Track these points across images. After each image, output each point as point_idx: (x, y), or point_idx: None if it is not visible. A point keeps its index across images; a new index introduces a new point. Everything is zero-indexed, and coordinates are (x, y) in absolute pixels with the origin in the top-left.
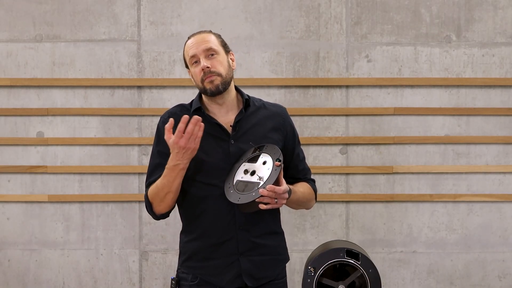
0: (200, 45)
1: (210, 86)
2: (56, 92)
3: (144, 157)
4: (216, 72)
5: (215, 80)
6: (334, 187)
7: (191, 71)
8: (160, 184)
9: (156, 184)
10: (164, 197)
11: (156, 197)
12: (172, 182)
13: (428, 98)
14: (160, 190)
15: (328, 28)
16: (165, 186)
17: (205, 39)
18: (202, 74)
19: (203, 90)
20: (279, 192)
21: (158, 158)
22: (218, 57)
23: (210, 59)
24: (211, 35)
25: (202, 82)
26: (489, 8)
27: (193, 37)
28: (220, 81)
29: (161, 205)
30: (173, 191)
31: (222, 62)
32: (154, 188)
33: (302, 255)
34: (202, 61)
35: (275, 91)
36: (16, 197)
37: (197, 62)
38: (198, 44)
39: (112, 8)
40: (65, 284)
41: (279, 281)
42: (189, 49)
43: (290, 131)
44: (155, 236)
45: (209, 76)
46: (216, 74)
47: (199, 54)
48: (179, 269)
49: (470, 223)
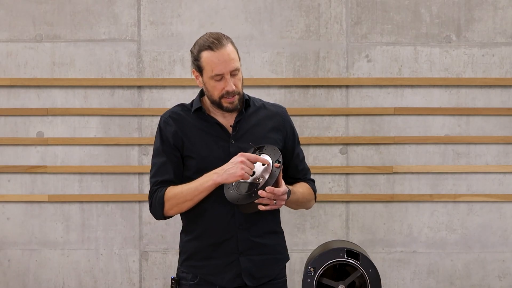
0: (228, 64)
1: (229, 105)
2: (56, 92)
3: (144, 157)
4: (236, 92)
5: (235, 101)
6: (334, 187)
7: (206, 81)
8: (186, 189)
9: (181, 187)
10: (182, 203)
11: (174, 200)
12: (200, 192)
13: (428, 98)
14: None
15: (328, 28)
16: (190, 192)
17: (231, 57)
18: (224, 93)
19: (217, 104)
20: (278, 193)
21: (164, 157)
22: (239, 75)
23: (233, 77)
24: (232, 48)
25: (220, 98)
26: (489, 8)
27: (217, 51)
28: (238, 99)
29: (174, 209)
30: (194, 201)
31: (241, 79)
32: (177, 191)
33: (302, 255)
34: (230, 83)
35: (275, 91)
36: (16, 197)
37: (221, 79)
38: (226, 63)
39: (112, 8)
40: (65, 284)
41: (278, 280)
42: (214, 66)
43: (290, 131)
44: (155, 236)
45: (231, 97)
46: (237, 94)
47: (226, 74)
48: (179, 269)
49: (470, 223)
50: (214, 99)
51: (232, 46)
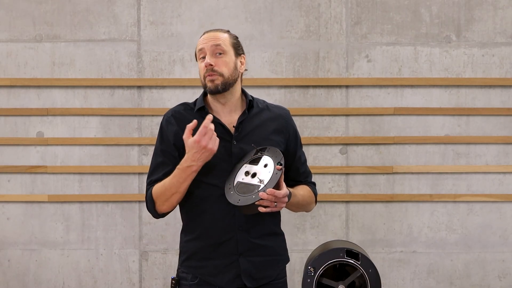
0: (209, 40)
1: (210, 84)
2: (56, 92)
3: (144, 157)
4: (218, 72)
5: (216, 80)
6: (334, 187)
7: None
8: (168, 184)
9: (163, 183)
10: (170, 197)
11: (162, 196)
12: (182, 183)
13: (428, 98)
14: (167, 189)
15: (328, 28)
16: (173, 186)
17: (216, 36)
18: (205, 71)
19: (204, 86)
20: (279, 196)
21: (162, 157)
22: (225, 57)
23: (216, 57)
24: (224, 34)
25: (204, 78)
26: (489, 8)
27: (207, 33)
28: (221, 81)
29: (165, 204)
30: (181, 192)
31: (228, 63)
32: (160, 187)
33: (302, 255)
34: (207, 57)
35: (275, 91)
36: (16, 197)
37: (204, 58)
38: (208, 39)
39: (112, 8)
40: (65, 284)
41: (278, 281)
42: (199, 43)
43: (293, 134)
44: (155, 236)
45: (211, 74)
46: (218, 74)
47: (206, 50)
48: (179, 269)
49: (470, 223)
50: (202, 82)
51: (226, 34)
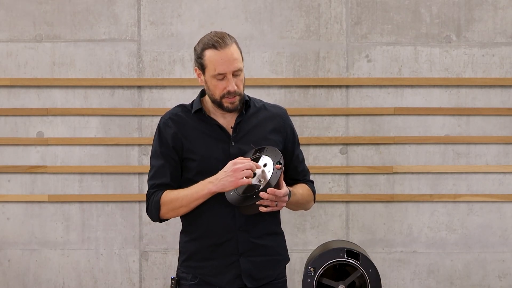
0: (231, 64)
1: (229, 105)
2: (56, 92)
3: (144, 157)
4: (238, 93)
5: (236, 101)
6: (334, 187)
7: (208, 80)
8: (182, 195)
9: (177, 192)
10: (178, 208)
11: (170, 205)
12: (196, 199)
13: (428, 98)
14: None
15: (328, 28)
16: (185, 199)
17: (234, 57)
18: (225, 92)
19: (218, 104)
20: (279, 195)
21: (162, 159)
22: (241, 75)
23: (235, 77)
24: (236, 48)
25: (221, 98)
26: (489, 8)
27: (221, 50)
28: (239, 100)
29: (170, 214)
30: (189, 207)
31: (243, 80)
32: (172, 195)
33: (302, 255)
34: (232, 83)
35: (275, 91)
36: (16, 197)
37: (223, 78)
38: (229, 62)
39: (112, 8)
40: (65, 284)
41: (278, 281)
42: (217, 64)
43: (290, 133)
44: (155, 236)
45: (233, 98)
46: (238, 94)
47: (228, 74)
48: (179, 269)
49: (470, 223)
50: (215, 98)
51: (236, 46)
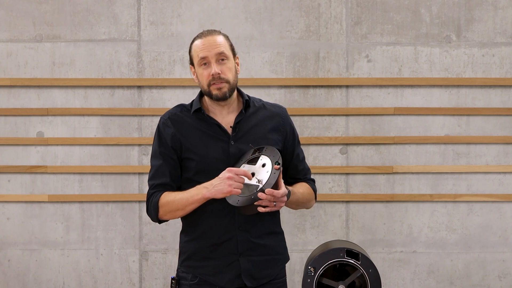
0: (212, 48)
1: (217, 92)
2: (56, 92)
3: (144, 157)
4: (225, 79)
5: (223, 88)
6: (334, 187)
7: (197, 71)
8: (179, 197)
9: (174, 195)
10: (175, 212)
11: (167, 207)
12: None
13: (428, 98)
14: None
15: (328, 28)
16: (182, 202)
17: (217, 42)
18: (210, 79)
19: (207, 93)
20: (277, 195)
21: (162, 159)
22: (228, 63)
23: (220, 64)
24: (222, 38)
25: (208, 86)
26: (489, 8)
27: (204, 38)
28: (228, 88)
29: (168, 215)
30: (185, 211)
31: (231, 69)
32: (169, 197)
33: (302, 255)
34: (214, 66)
35: (275, 91)
36: (16, 197)
37: (206, 64)
38: (210, 46)
39: (112, 8)
40: (65, 284)
41: (278, 280)
42: (199, 50)
43: (290, 132)
44: (155, 236)
45: (218, 83)
46: (225, 81)
47: (211, 58)
48: (179, 269)
49: (470, 223)
50: (204, 89)
51: (222, 37)
